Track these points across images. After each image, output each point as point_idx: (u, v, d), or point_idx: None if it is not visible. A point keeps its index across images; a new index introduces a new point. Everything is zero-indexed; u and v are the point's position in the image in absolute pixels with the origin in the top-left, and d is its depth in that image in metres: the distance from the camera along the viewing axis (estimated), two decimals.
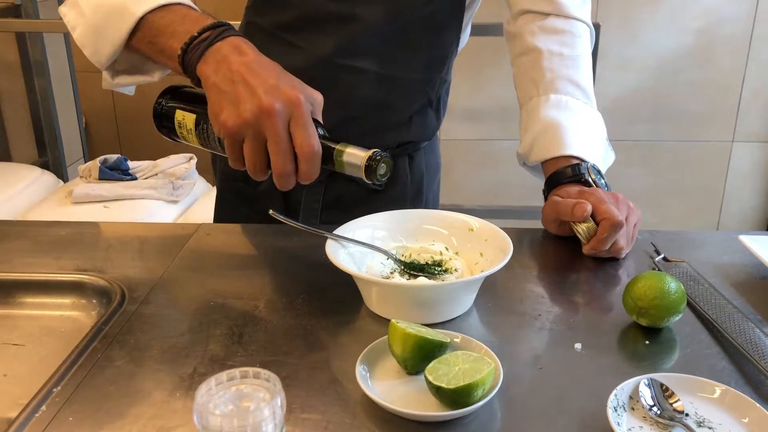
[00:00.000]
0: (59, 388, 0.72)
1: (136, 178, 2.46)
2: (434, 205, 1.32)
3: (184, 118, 0.87)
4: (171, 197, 2.38)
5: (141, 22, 0.85)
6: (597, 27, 2.11)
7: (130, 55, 0.90)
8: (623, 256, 0.98)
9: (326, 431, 0.65)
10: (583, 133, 1.08)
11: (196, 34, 0.80)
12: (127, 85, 0.95)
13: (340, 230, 0.90)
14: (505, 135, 1.19)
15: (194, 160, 2.54)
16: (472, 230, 0.93)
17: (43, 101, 2.70)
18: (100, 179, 2.42)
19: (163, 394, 0.71)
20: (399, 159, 1.19)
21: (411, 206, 1.21)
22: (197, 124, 0.86)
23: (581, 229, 0.96)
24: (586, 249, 0.97)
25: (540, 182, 1.12)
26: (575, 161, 1.04)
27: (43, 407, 0.69)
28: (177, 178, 2.47)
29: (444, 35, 1.12)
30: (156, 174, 2.49)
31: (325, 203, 1.17)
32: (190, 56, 0.80)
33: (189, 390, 0.71)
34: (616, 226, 0.94)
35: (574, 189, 1.02)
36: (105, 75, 0.94)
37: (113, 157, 2.50)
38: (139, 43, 0.87)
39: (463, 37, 1.19)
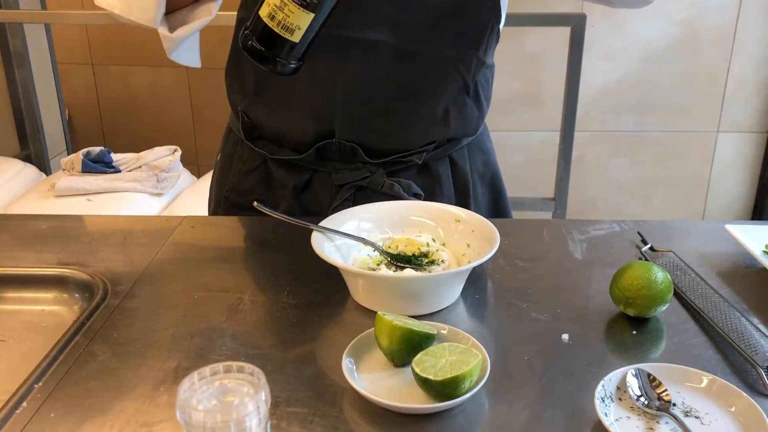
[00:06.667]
0: (40, 383, 0.70)
1: (119, 171, 2.44)
2: (496, 214, 1.14)
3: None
4: (155, 190, 2.36)
5: None
6: (583, 18, 2.11)
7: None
8: None
9: (312, 425, 0.65)
10: None
11: None
12: (188, 34, 0.91)
13: (326, 222, 0.89)
14: (493, 126, 1.19)
15: (178, 153, 2.51)
16: (459, 221, 0.92)
17: (24, 93, 2.66)
18: (83, 172, 2.39)
19: (147, 389, 0.70)
20: (438, 162, 1.05)
21: None
22: None
23: None
24: None
25: (525, 172, 1.12)
26: None
27: (24, 403, 0.68)
28: (161, 170, 2.44)
29: None
30: (140, 166, 2.46)
31: None
32: None
33: (173, 385, 0.70)
34: None
35: None
36: (163, 36, 0.90)
37: (96, 149, 2.47)
38: None
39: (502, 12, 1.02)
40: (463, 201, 1.09)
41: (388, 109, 0.99)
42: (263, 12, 0.72)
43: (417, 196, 1.04)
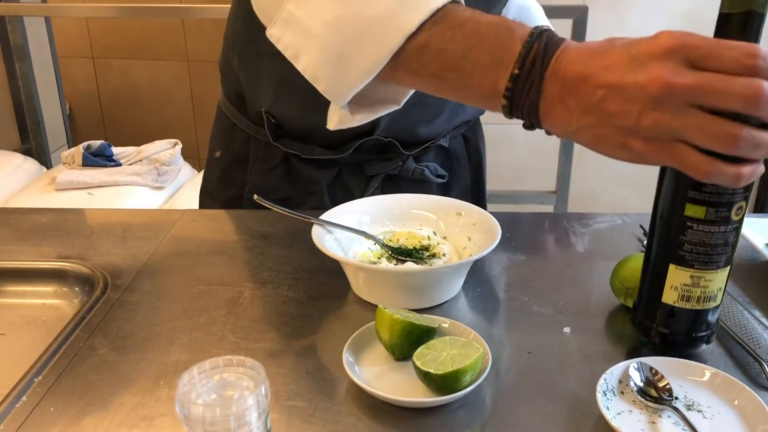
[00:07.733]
0: (40, 377, 0.70)
1: (120, 165, 2.44)
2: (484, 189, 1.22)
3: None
4: (156, 183, 2.36)
5: (410, 39, 0.63)
6: (584, 10, 2.10)
7: (380, 85, 0.69)
8: None
9: (313, 419, 0.65)
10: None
11: (515, 71, 0.59)
12: (366, 119, 0.75)
13: (326, 215, 0.89)
14: (494, 119, 1.18)
15: (179, 146, 2.51)
16: (460, 215, 0.92)
17: (24, 87, 2.66)
18: (83, 166, 2.39)
19: (147, 383, 0.69)
20: (454, 141, 1.11)
21: (473, 196, 1.13)
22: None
23: None
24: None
25: (527, 165, 1.11)
26: None
27: (24, 397, 0.68)
28: (162, 164, 2.44)
29: None
30: (140, 160, 2.46)
31: None
32: (518, 98, 0.60)
33: (173, 378, 0.70)
34: None
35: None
36: (343, 116, 0.73)
37: (97, 143, 2.46)
38: (411, 68, 0.65)
39: None
40: (478, 173, 1.15)
41: (423, 103, 0.99)
42: (669, 298, 0.65)
43: (441, 177, 1.10)
